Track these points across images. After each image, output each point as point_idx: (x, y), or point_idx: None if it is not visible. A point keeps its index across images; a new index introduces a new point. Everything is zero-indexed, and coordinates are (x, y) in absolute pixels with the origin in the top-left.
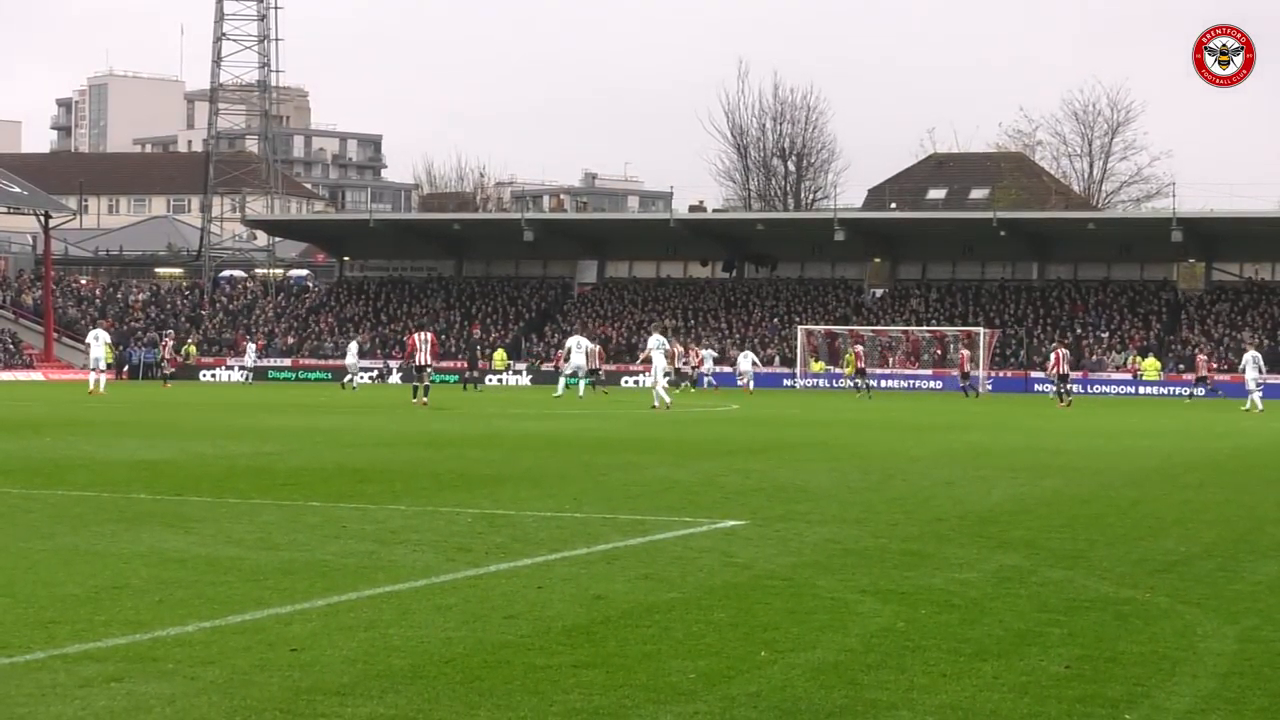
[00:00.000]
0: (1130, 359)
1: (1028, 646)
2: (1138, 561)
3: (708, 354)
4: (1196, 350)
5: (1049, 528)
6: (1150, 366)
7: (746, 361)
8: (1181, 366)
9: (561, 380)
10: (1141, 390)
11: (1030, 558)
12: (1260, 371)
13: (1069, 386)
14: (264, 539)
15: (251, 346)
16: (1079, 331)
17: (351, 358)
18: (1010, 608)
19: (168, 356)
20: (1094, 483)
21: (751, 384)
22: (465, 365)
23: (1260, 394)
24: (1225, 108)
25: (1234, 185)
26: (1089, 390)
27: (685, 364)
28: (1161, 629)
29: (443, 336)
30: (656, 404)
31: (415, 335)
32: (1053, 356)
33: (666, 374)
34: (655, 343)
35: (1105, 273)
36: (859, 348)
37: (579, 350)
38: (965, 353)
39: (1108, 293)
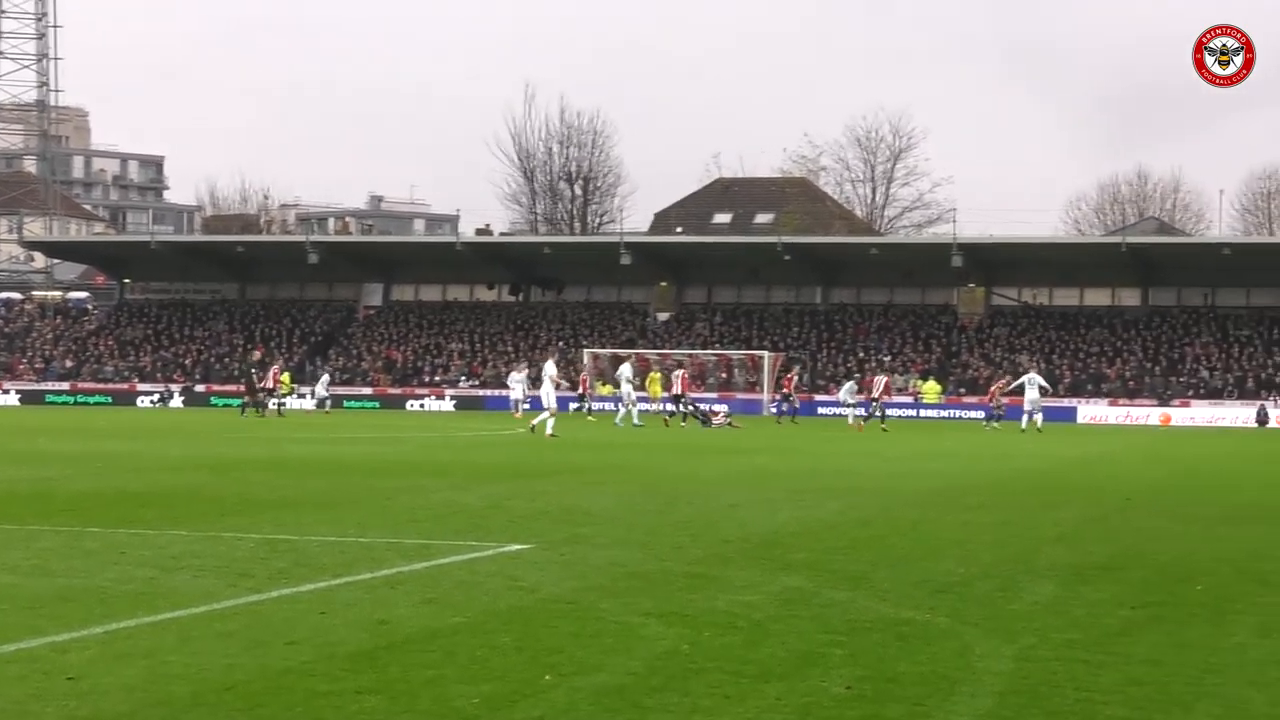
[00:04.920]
0: (912, 382)
1: (810, 668)
2: (918, 582)
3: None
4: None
5: (832, 549)
6: (930, 390)
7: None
8: (963, 390)
9: (634, 410)
10: (922, 413)
11: (813, 579)
12: (1040, 393)
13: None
14: (40, 566)
15: (325, 376)
16: (861, 355)
17: None
18: (793, 629)
19: None
20: (876, 505)
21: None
22: (245, 389)
23: (1040, 415)
24: (1003, 135)
25: (1012, 211)
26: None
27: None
28: (941, 649)
29: (225, 360)
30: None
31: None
32: (879, 381)
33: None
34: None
35: (888, 297)
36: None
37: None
38: (684, 374)
39: (890, 317)
